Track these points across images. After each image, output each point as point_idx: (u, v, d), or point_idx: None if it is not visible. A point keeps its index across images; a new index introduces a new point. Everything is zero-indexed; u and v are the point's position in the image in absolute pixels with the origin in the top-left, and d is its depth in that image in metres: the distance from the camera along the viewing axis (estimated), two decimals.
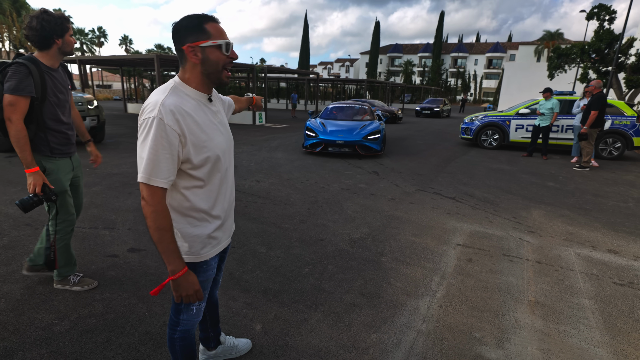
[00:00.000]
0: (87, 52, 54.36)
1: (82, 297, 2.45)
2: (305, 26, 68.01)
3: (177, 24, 1.22)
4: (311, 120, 8.87)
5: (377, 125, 8.57)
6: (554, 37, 48.49)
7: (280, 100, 34.64)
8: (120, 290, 2.54)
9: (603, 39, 16.01)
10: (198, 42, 1.19)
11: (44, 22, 2.08)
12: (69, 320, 2.20)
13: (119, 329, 2.13)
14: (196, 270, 1.39)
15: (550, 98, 8.39)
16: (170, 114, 1.15)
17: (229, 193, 1.46)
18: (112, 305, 2.37)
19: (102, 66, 24.31)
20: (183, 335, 1.50)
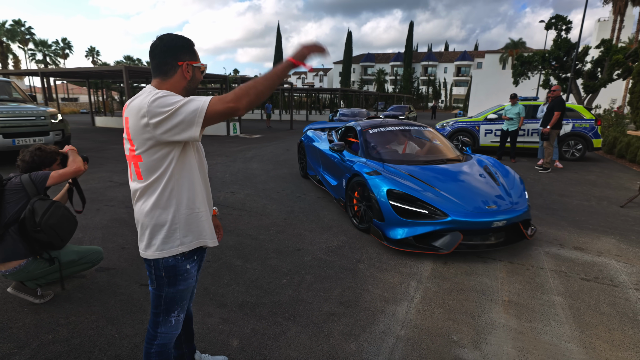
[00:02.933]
0: (50, 64, 52.35)
1: (45, 322, 2.31)
2: (278, 36, 68.42)
3: (169, 40, 1.35)
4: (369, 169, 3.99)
5: (506, 169, 4.42)
6: (517, 45, 50.81)
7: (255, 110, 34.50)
8: (87, 313, 2.41)
9: (561, 47, 17.00)
10: (192, 61, 1.39)
11: (35, 157, 2.43)
12: (30, 349, 2.06)
13: (86, 354, 2.02)
14: (176, 279, 1.41)
15: (517, 103, 8.76)
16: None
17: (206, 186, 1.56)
18: (78, 329, 2.25)
19: (67, 79, 23.34)
20: (160, 350, 1.48)
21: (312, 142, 6.20)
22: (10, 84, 8.36)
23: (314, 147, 6.03)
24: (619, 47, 16.24)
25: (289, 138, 14.25)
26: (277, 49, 68.03)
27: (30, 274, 2.41)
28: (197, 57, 1.42)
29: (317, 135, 6.38)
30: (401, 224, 3.42)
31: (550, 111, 7.55)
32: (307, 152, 6.38)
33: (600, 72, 16.62)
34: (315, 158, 5.99)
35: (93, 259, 2.76)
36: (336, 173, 4.97)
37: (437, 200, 3.42)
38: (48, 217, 2.28)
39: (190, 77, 1.39)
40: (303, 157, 6.74)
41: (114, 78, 19.87)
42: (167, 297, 1.43)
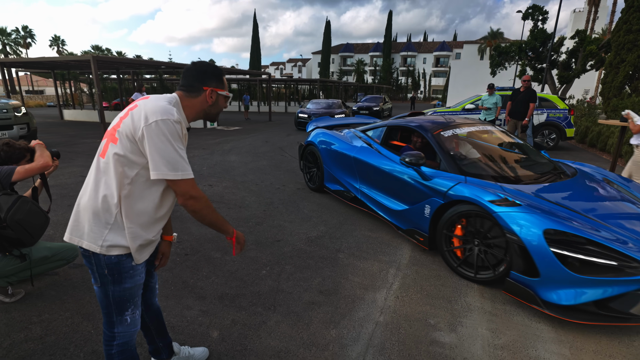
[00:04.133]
0: (11, 54, 49.53)
1: (16, 321, 2.24)
2: (255, 25, 67.01)
3: (203, 66, 1.47)
4: (491, 195, 2.71)
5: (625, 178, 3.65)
6: (495, 36, 51.78)
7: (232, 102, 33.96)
8: (61, 310, 2.35)
9: (537, 37, 17.39)
10: (218, 89, 1.47)
11: (2, 152, 2.38)
12: (1, 348, 2.01)
13: (62, 351, 1.98)
14: (121, 277, 1.35)
15: (494, 94, 8.93)
16: (179, 120, 1.32)
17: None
18: (52, 326, 2.19)
19: (31, 69, 22.12)
20: (122, 349, 1.44)
21: (333, 145, 4.77)
22: None
23: (341, 153, 4.55)
24: (593, 38, 16.75)
25: (267, 130, 14.12)
26: (254, 39, 66.79)
27: (0, 272, 2.33)
28: (225, 86, 1.51)
29: (340, 137, 4.82)
30: (573, 281, 2.22)
31: (525, 103, 7.73)
32: (326, 158, 4.89)
33: (575, 63, 17.12)
34: (345, 167, 4.51)
35: (67, 255, 2.68)
36: (403, 194, 3.54)
37: (623, 244, 2.27)
38: (14, 213, 2.19)
39: (213, 102, 1.48)
40: (313, 164, 5.33)
41: (82, 69, 19.01)
42: (115, 297, 1.37)
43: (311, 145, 5.27)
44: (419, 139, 4.01)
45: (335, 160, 4.74)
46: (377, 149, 4.13)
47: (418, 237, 3.29)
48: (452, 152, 3.45)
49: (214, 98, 1.47)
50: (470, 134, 3.89)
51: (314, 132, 5.48)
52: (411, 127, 3.93)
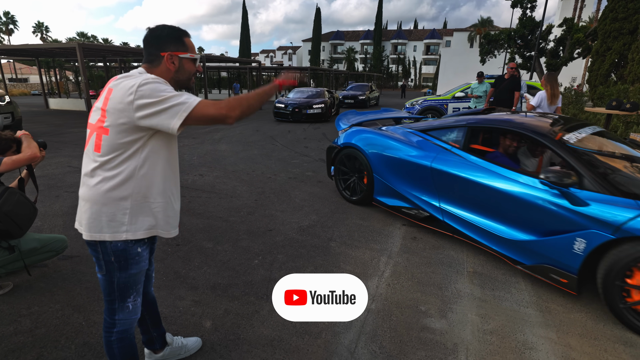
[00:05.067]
0: None
1: (5, 314, 2.21)
2: (244, 12, 65.75)
3: (156, 30, 1.37)
4: None
5: None
6: (485, 24, 51.66)
7: (222, 90, 33.46)
8: (51, 302, 2.32)
9: (526, 25, 17.41)
10: (178, 52, 1.37)
11: None
12: None
13: (52, 344, 1.96)
14: (127, 263, 1.37)
15: (483, 82, 8.95)
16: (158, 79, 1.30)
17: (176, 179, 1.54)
18: (42, 319, 2.17)
19: (14, 57, 21.60)
20: (121, 337, 1.45)
21: (390, 150, 3.73)
22: None
23: (407, 161, 3.54)
24: (580, 26, 16.85)
25: (258, 119, 13.97)
26: (244, 26, 65.60)
27: None
28: (188, 48, 1.40)
29: (398, 140, 3.78)
30: None
31: (510, 91, 7.72)
32: (378, 165, 3.84)
33: (563, 51, 17.23)
34: (413, 179, 3.53)
35: (57, 247, 2.65)
36: (530, 220, 2.65)
37: None
38: (2, 204, 2.16)
39: (177, 69, 1.38)
40: (352, 171, 4.31)
41: (68, 56, 18.55)
42: (120, 283, 1.40)
43: (350, 148, 4.21)
44: (513, 143, 3.18)
45: (394, 169, 3.70)
46: (465, 157, 3.18)
47: (556, 276, 2.44)
48: (599, 165, 2.60)
49: (176, 63, 1.38)
50: (588, 139, 2.95)
51: (349, 131, 4.42)
52: (513, 129, 3.08)
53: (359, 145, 4.10)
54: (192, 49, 1.42)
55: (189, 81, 1.45)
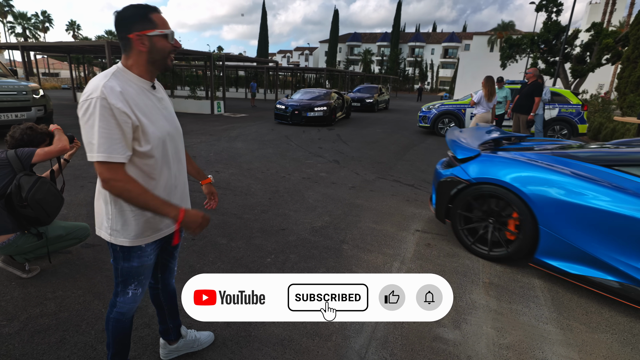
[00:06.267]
0: (30, 37, 50.08)
1: (32, 296, 2.32)
2: (263, 13, 66.32)
3: (121, 13, 1.26)
4: None
5: None
6: (507, 27, 50.79)
7: (239, 89, 33.72)
8: (73, 288, 2.42)
9: (551, 30, 16.90)
10: (145, 31, 1.26)
11: (25, 135, 2.41)
12: (19, 321, 2.08)
13: (74, 328, 2.04)
14: (130, 255, 1.40)
15: (503, 87, 8.77)
16: (114, 94, 1.18)
17: (173, 180, 1.45)
18: (65, 303, 2.26)
19: (48, 53, 22.38)
20: (117, 317, 1.51)
21: (581, 196, 2.53)
22: None
23: (624, 217, 2.36)
24: (610, 31, 16.22)
25: (273, 118, 14.02)
26: (263, 27, 66.11)
27: (19, 249, 2.42)
28: (156, 24, 1.27)
29: (592, 181, 2.56)
30: None
31: (530, 96, 7.54)
32: (553, 215, 2.66)
33: (589, 57, 16.66)
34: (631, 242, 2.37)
35: (80, 235, 2.76)
36: None
37: None
38: (34, 192, 2.28)
39: (149, 49, 1.27)
40: (487, 215, 3.07)
41: (96, 53, 19.06)
42: (123, 271, 1.44)
43: (491, 186, 2.97)
44: None
45: (589, 223, 2.52)
46: None
47: None
48: None
49: (146, 43, 1.26)
50: None
51: (484, 159, 3.14)
52: None
53: (512, 183, 2.83)
54: (163, 24, 1.30)
55: (166, 60, 1.34)
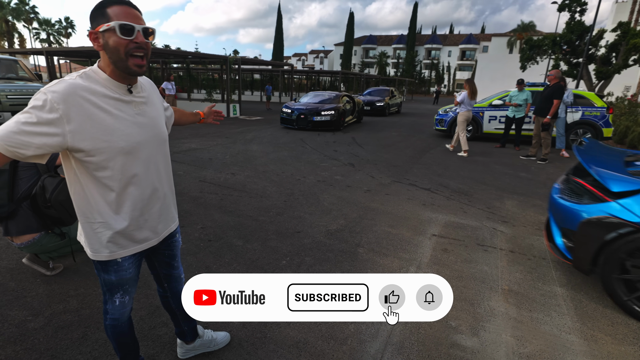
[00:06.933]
0: (54, 43, 52.15)
1: (56, 293, 2.40)
2: (279, 17, 66.63)
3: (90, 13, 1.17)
4: None
5: None
6: (527, 28, 49.70)
7: (255, 92, 34.02)
8: (94, 286, 2.49)
9: (574, 30, 16.37)
10: (97, 27, 1.14)
11: None
12: (44, 317, 2.16)
13: (95, 325, 2.10)
14: (107, 269, 1.37)
15: (524, 89, 8.58)
16: (61, 92, 1.07)
17: (148, 193, 1.35)
18: (87, 300, 2.33)
19: (71, 57, 23.18)
20: (113, 323, 1.52)
21: None
22: (17, 63, 8.39)
23: None
24: (638, 30, 15.63)
25: None
26: (278, 30, 66.53)
27: (43, 247, 2.50)
28: (108, 17, 1.12)
29: None
30: None
31: (550, 99, 7.34)
32: None
33: (615, 58, 16.06)
34: None
35: None
36: None
37: None
38: (57, 194, 2.35)
39: (103, 47, 1.15)
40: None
41: None
42: (106, 282, 1.42)
43: None
44: None
45: None
46: None
47: None
48: None
49: (100, 41, 1.14)
50: None
51: None
52: None
53: None
54: (120, 16, 1.13)
55: (126, 62, 1.16)
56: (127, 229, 1.32)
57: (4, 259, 2.81)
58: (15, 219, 2.40)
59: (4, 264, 2.75)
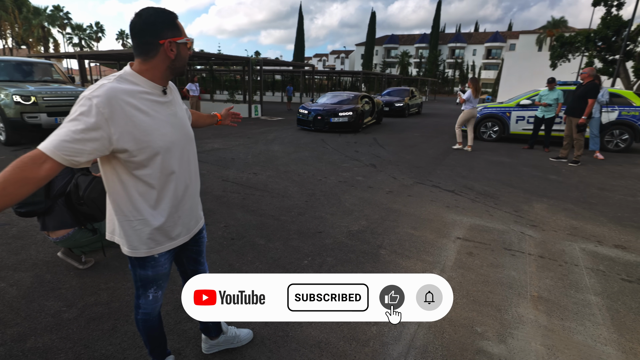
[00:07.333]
0: (85, 47, 54.72)
1: (88, 286, 2.50)
2: (300, 18, 66.92)
3: (149, 17, 1.21)
4: None
5: None
6: (558, 24, 47.84)
7: (276, 92, 34.31)
8: (123, 280, 2.57)
9: (610, 25, 15.48)
10: (175, 38, 1.25)
11: None
12: (77, 308, 2.25)
13: (124, 317, 2.17)
14: (144, 265, 1.41)
15: (555, 88, 8.26)
16: (104, 96, 1.12)
17: (182, 191, 1.41)
18: (116, 294, 2.41)
19: (101, 61, 24.25)
20: (145, 318, 1.56)
21: None
22: (52, 66, 8.81)
23: None
24: None
25: None
26: (299, 31, 66.85)
27: (77, 242, 2.62)
28: (182, 32, 1.28)
29: None
30: None
31: (583, 98, 7.02)
32: None
33: None
34: None
35: None
36: None
37: None
38: (90, 191, 2.45)
39: (175, 56, 1.27)
40: None
41: None
42: (141, 277, 1.46)
43: None
44: None
45: None
46: None
47: None
48: None
49: (175, 50, 1.26)
50: None
51: None
52: None
53: None
54: (184, 32, 1.31)
55: (184, 67, 1.36)
56: (164, 225, 1.37)
57: (41, 252, 2.94)
58: (51, 215, 2.52)
59: (41, 257, 2.88)
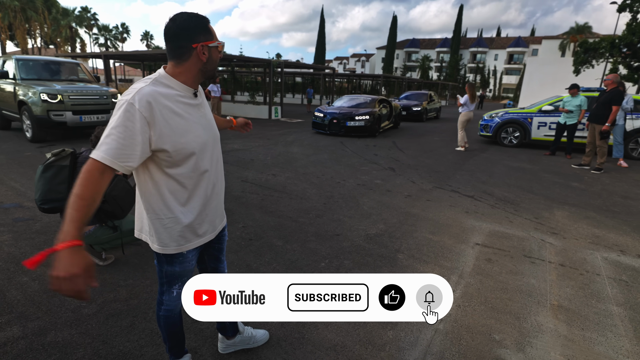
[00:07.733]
0: (110, 47, 56.53)
1: (107, 282, 2.56)
2: (321, 21, 67.35)
3: (183, 21, 1.26)
4: None
5: None
6: (582, 30, 46.67)
7: (296, 95, 34.54)
8: (142, 277, 2.63)
9: (636, 32, 15.16)
10: (207, 42, 1.30)
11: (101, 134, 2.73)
12: (96, 304, 2.30)
13: (142, 315, 2.22)
14: (172, 261, 1.46)
15: (578, 94, 8.08)
16: (144, 100, 1.18)
17: (210, 189, 1.47)
18: (135, 291, 2.47)
19: (125, 61, 25.02)
20: (167, 314, 1.59)
21: None
22: (79, 66, 9.14)
23: None
24: None
25: None
26: (320, 34, 67.22)
27: (98, 239, 2.70)
28: (214, 36, 1.33)
29: None
30: None
31: (607, 105, 6.85)
32: None
33: None
34: None
35: None
36: None
37: None
38: (112, 189, 2.52)
39: (207, 59, 1.32)
40: None
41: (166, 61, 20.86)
42: (167, 274, 1.50)
43: None
44: None
45: None
46: None
47: None
48: None
49: (207, 54, 1.31)
50: None
51: None
52: None
53: None
54: (216, 36, 1.34)
55: (215, 70, 1.40)
56: (193, 223, 1.43)
57: None
58: None
59: None
